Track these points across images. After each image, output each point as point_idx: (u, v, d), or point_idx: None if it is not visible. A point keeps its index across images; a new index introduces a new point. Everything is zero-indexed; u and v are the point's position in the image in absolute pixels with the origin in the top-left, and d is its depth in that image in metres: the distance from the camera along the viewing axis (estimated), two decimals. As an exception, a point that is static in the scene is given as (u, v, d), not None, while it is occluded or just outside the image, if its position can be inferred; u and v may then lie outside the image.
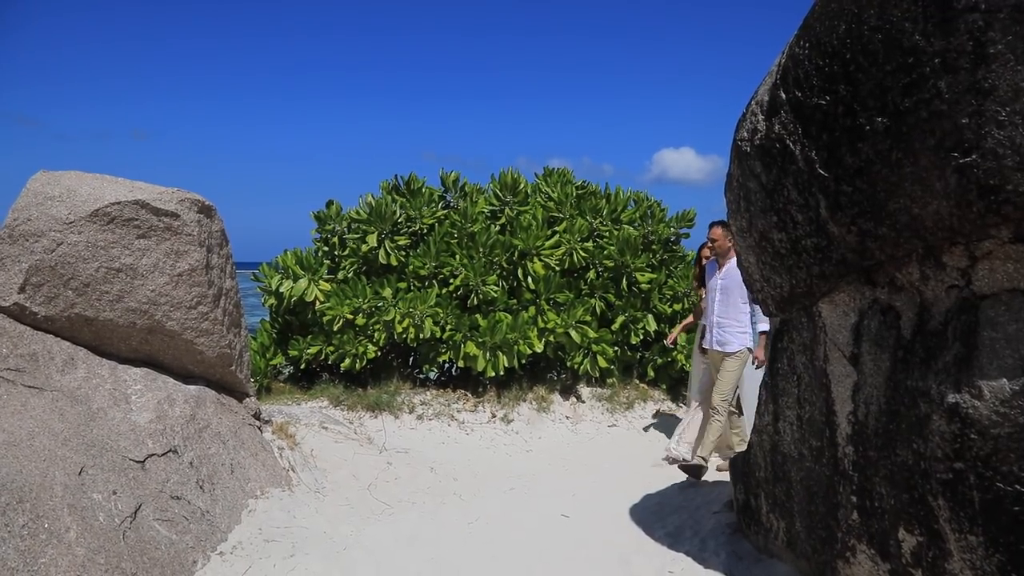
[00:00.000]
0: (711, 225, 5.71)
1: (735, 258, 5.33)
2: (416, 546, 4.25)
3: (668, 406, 7.94)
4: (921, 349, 2.70)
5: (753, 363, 5.56)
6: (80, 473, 3.49)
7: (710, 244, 5.72)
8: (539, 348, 7.28)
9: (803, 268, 3.22)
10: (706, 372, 5.89)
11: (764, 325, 5.37)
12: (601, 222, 8.12)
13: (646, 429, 7.35)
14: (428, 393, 7.44)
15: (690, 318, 6.92)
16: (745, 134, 3.37)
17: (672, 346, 6.93)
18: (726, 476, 5.23)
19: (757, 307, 5.24)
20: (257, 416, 5.30)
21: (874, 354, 2.93)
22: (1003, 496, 2.38)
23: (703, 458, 5.45)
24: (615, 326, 7.79)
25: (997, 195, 2.29)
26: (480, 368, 7.18)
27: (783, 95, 3.04)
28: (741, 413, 6.28)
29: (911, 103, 2.45)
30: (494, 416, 7.19)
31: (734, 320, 5.57)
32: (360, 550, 4.13)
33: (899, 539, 2.81)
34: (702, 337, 6.01)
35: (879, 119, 2.58)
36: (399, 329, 7.19)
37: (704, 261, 6.37)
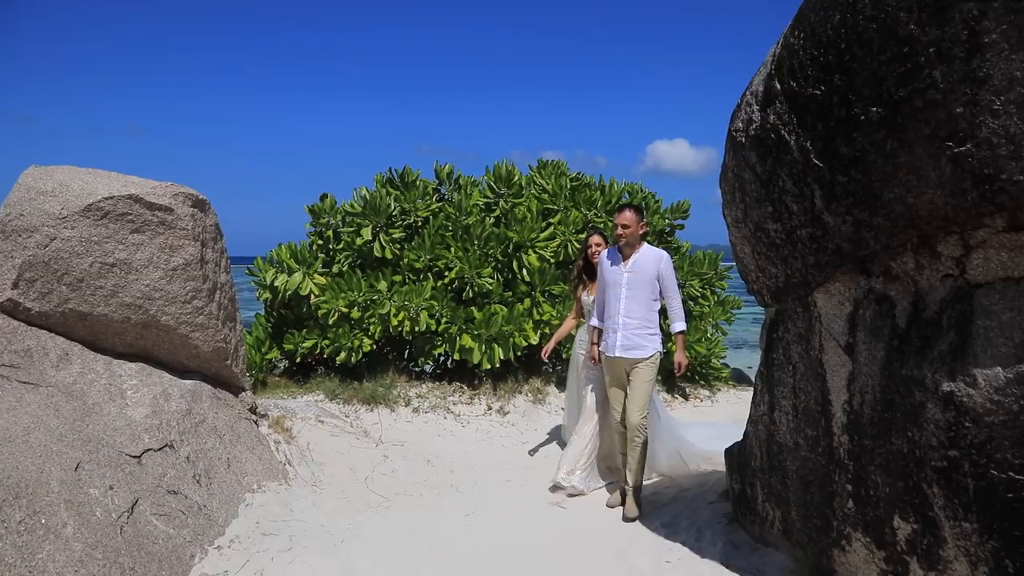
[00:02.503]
0: (620, 208, 4.81)
1: (644, 248, 4.81)
2: (414, 538, 4.26)
3: (663, 397, 7.96)
4: (916, 338, 2.71)
5: (675, 369, 4.85)
6: (76, 468, 3.49)
7: (621, 230, 4.72)
8: (534, 340, 7.28)
9: (798, 258, 3.23)
10: (597, 381, 5.21)
11: (679, 324, 4.79)
12: (596, 214, 8.11)
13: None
14: (424, 386, 7.44)
15: (568, 323, 5.84)
16: (740, 124, 3.38)
17: (546, 361, 5.76)
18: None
19: (675, 303, 4.78)
20: (253, 410, 5.29)
21: (869, 343, 2.94)
22: (997, 483, 2.40)
23: (636, 488, 4.74)
24: (610, 318, 7.80)
25: (991, 184, 2.30)
26: (476, 361, 7.19)
27: (778, 85, 3.05)
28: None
29: (906, 93, 2.46)
30: (490, 408, 7.19)
31: (644, 320, 4.74)
32: (358, 543, 4.14)
33: (894, 527, 2.83)
34: (595, 342, 5.08)
35: (874, 109, 2.59)
36: (394, 322, 7.18)
37: (593, 251, 5.41)
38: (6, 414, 3.56)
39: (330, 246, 7.97)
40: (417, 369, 8.03)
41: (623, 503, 4.81)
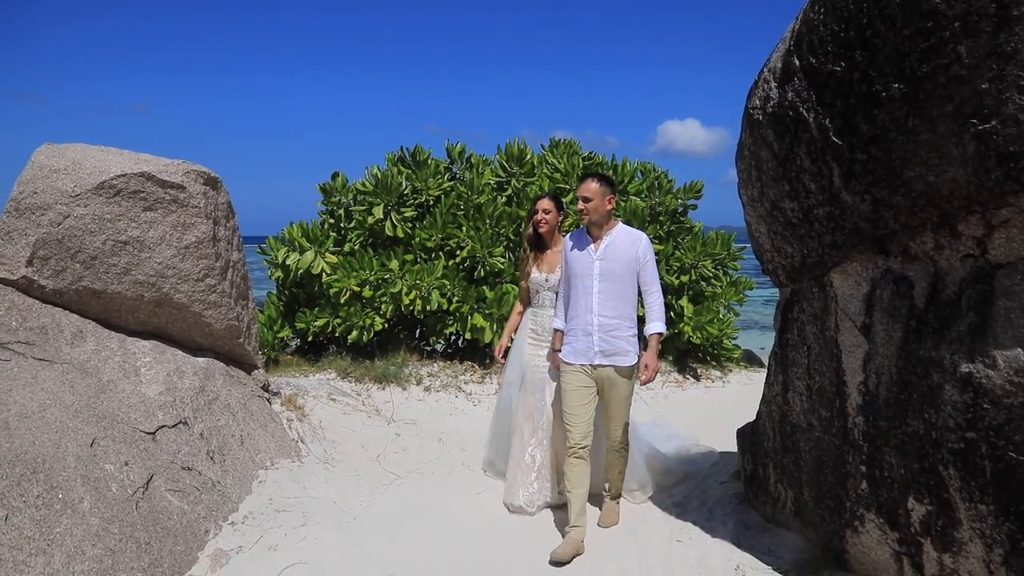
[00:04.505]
0: (582, 178, 3.97)
1: (618, 228, 3.95)
2: (425, 516, 4.29)
3: (675, 377, 7.95)
4: (934, 319, 2.68)
5: (638, 378, 3.92)
6: (92, 444, 3.52)
7: (582, 203, 3.83)
8: (546, 320, 7.27)
9: (815, 238, 3.19)
10: (539, 377, 4.48)
11: (658, 325, 3.90)
12: (608, 193, 8.05)
13: (652, 399, 7.37)
14: (435, 365, 7.46)
15: (515, 314, 4.85)
16: (757, 102, 3.33)
17: (502, 359, 4.90)
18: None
19: (654, 298, 3.91)
20: (266, 388, 5.32)
21: (886, 324, 2.91)
22: (1015, 466, 2.38)
23: (617, 496, 4.25)
24: (622, 298, 7.76)
25: (1016, 162, 2.26)
26: (487, 340, 7.19)
27: (797, 62, 2.99)
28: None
29: (929, 68, 2.41)
30: (501, 387, 7.20)
31: (624, 318, 3.88)
32: (370, 520, 4.17)
33: (908, 508, 2.82)
34: (556, 348, 4.21)
35: (896, 85, 2.54)
36: (406, 301, 7.18)
37: (539, 218, 4.47)
38: (22, 390, 3.59)
39: (341, 225, 7.95)
40: (428, 348, 8.05)
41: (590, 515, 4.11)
